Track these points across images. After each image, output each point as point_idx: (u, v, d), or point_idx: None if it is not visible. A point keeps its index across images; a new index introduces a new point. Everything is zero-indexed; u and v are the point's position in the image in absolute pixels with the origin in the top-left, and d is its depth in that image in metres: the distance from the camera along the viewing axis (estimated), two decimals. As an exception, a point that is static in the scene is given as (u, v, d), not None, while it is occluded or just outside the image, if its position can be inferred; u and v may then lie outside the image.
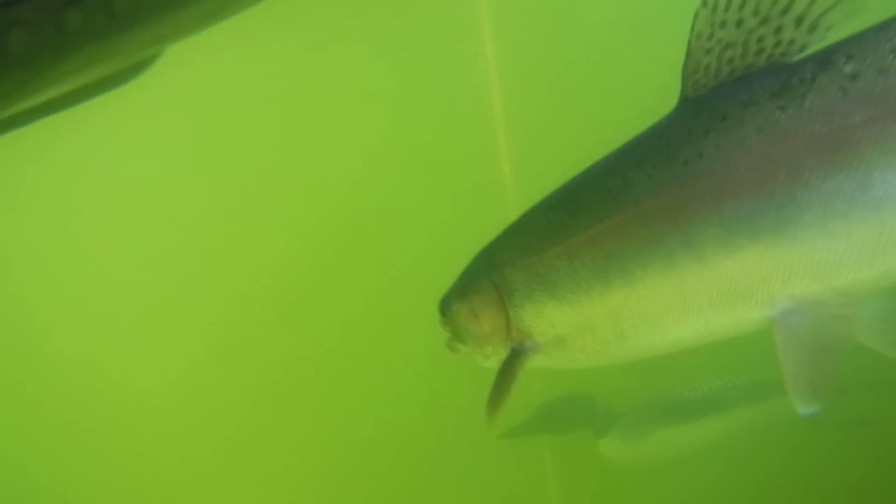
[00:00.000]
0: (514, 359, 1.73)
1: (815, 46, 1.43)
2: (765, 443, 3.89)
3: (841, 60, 1.37)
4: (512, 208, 4.21)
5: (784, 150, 1.38)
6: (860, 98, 1.34)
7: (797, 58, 1.43)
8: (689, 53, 1.49)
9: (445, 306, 1.87)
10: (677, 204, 1.46)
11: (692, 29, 1.47)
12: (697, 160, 1.45)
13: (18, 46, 0.94)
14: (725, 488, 4.10)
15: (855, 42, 1.39)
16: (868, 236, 1.35)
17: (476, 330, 1.79)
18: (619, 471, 4.10)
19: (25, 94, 1.05)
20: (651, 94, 1.62)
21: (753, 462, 4.07)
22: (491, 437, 3.83)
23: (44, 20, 0.96)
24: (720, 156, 1.43)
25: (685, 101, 1.53)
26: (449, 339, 1.91)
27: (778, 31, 1.43)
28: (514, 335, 1.73)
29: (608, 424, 4.04)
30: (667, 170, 1.48)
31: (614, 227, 1.53)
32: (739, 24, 1.44)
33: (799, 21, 1.42)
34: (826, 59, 1.39)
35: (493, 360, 1.80)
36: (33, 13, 0.94)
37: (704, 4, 1.45)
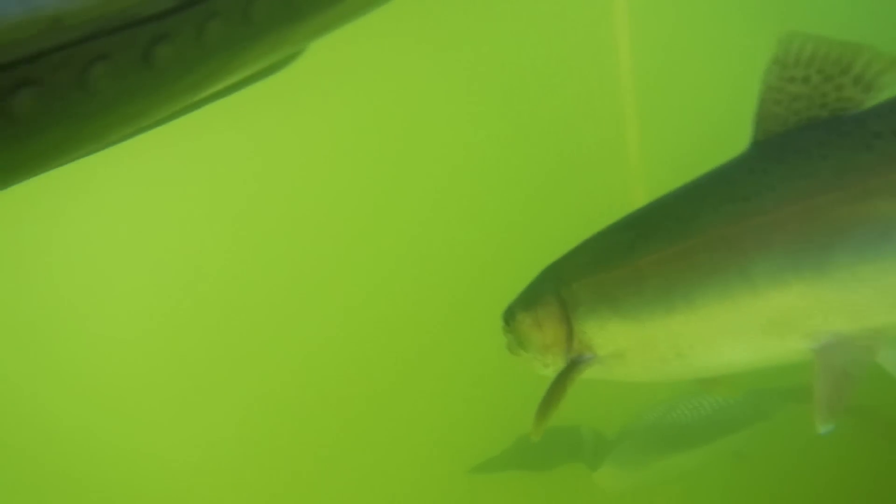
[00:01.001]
0: (571, 369, 1.82)
1: (870, 104, 1.60)
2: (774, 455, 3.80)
3: (871, 119, 1.56)
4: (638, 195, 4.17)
5: (824, 196, 1.53)
6: (881, 155, 1.51)
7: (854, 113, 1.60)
8: (760, 102, 1.66)
9: (509, 315, 1.96)
10: (736, 237, 1.60)
11: (764, 81, 1.64)
12: (756, 198, 1.60)
13: (164, 60, 1.01)
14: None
15: (887, 103, 1.58)
16: (893, 283, 1.49)
17: (539, 339, 1.87)
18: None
19: (170, 102, 1.13)
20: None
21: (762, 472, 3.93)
22: (467, 473, 3.69)
23: (186, 32, 1.01)
24: (774, 196, 1.58)
25: (755, 144, 1.69)
26: (508, 343, 2.00)
27: (839, 88, 1.59)
28: (575, 346, 1.81)
29: (601, 454, 3.71)
30: (730, 204, 1.62)
31: (680, 253, 1.65)
32: (806, 80, 1.61)
33: (857, 80, 1.58)
34: (863, 116, 1.58)
35: (551, 368, 1.88)
36: (176, 26, 1.00)
37: (776, 61, 1.62)
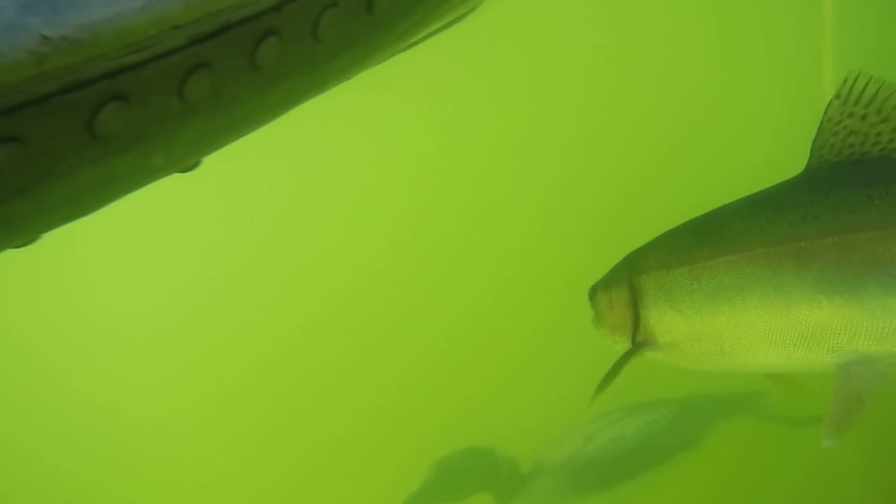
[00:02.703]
0: (634, 350, 2.05)
1: None
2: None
3: None
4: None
5: (865, 233, 1.70)
6: None
7: None
8: (819, 132, 1.81)
9: (593, 292, 2.20)
10: (777, 256, 1.78)
11: (825, 112, 1.79)
12: (800, 223, 1.77)
13: (383, 6, 1.05)
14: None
15: None
16: None
17: (611, 319, 2.11)
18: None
19: (384, 49, 1.16)
20: None
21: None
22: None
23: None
24: (817, 224, 1.75)
25: (809, 170, 1.86)
26: (594, 317, 2.22)
27: (894, 130, 1.74)
28: (640, 331, 2.04)
29: (514, 487, 3.43)
30: (776, 226, 1.80)
31: (727, 263, 1.85)
32: (864, 117, 1.75)
33: None
34: None
35: (621, 346, 2.11)
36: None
37: (838, 96, 1.77)
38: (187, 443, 4.62)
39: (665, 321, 1.95)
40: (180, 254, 4.84)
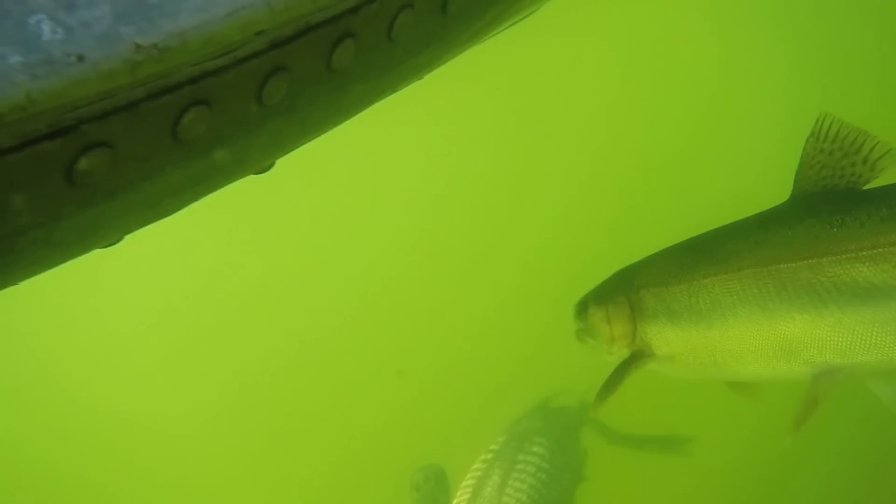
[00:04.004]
0: (632, 361, 2.16)
1: (874, 182, 1.97)
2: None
3: (866, 203, 1.92)
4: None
5: (827, 257, 1.89)
6: (868, 231, 1.87)
7: (865, 187, 1.96)
8: (800, 165, 2.01)
9: (582, 308, 2.29)
10: (762, 276, 1.95)
11: (804, 148, 1.99)
12: (780, 247, 1.96)
13: (458, 7, 1.04)
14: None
15: (880, 191, 1.96)
16: (867, 333, 1.85)
17: (607, 332, 2.21)
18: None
19: (455, 49, 1.16)
20: None
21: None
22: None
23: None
24: (793, 249, 1.94)
25: (792, 198, 2.04)
26: (578, 331, 2.32)
27: (852, 164, 1.95)
28: (637, 343, 2.16)
29: None
30: (763, 248, 1.98)
31: (721, 281, 2.00)
32: (831, 153, 1.96)
33: (864, 160, 1.94)
34: (863, 197, 1.94)
35: (615, 356, 2.23)
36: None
37: (812, 134, 1.97)
38: (193, 447, 4.72)
39: (663, 334, 2.11)
40: (186, 259, 4.91)
